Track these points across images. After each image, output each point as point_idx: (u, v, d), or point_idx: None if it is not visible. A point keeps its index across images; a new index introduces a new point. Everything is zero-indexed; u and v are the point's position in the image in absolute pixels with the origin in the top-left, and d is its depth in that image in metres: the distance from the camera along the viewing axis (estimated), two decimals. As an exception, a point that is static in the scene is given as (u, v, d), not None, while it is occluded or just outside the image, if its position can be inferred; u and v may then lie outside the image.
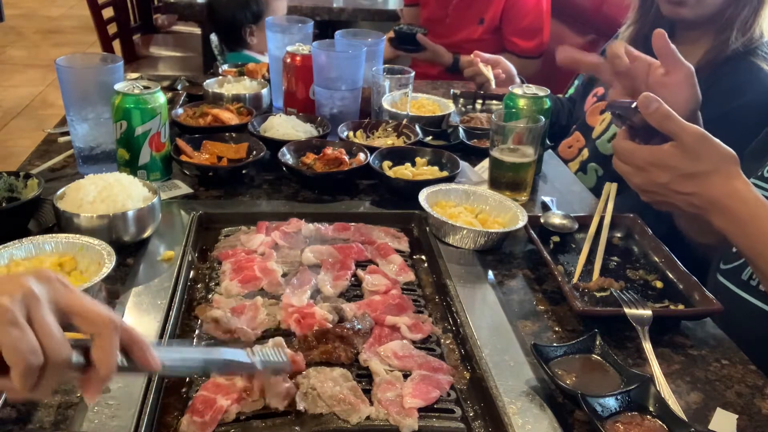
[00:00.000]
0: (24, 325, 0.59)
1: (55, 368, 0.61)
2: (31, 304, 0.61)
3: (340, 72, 1.66)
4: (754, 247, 0.99)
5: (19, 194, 1.25)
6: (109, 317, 0.64)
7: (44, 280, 0.63)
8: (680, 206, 1.03)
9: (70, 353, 0.62)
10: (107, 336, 0.63)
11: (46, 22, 7.14)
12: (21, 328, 0.59)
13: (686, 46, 1.62)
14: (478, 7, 2.73)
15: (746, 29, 1.51)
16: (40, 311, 0.61)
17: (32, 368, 0.60)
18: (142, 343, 0.66)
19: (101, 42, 3.89)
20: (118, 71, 1.41)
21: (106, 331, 0.63)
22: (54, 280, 0.64)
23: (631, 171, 1.04)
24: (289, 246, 1.21)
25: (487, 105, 1.99)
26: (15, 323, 0.59)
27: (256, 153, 1.48)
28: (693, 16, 1.54)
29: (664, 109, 0.96)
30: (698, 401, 0.93)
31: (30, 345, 0.59)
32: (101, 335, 0.63)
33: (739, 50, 1.52)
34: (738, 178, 0.99)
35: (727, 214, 0.99)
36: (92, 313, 0.64)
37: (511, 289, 1.15)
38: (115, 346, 0.64)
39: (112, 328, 0.63)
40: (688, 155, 0.98)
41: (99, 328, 0.63)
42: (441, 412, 0.87)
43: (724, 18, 1.52)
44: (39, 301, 0.61)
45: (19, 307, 0.60)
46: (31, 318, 0.60)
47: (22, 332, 0.59)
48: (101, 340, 0.63)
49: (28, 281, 0.62)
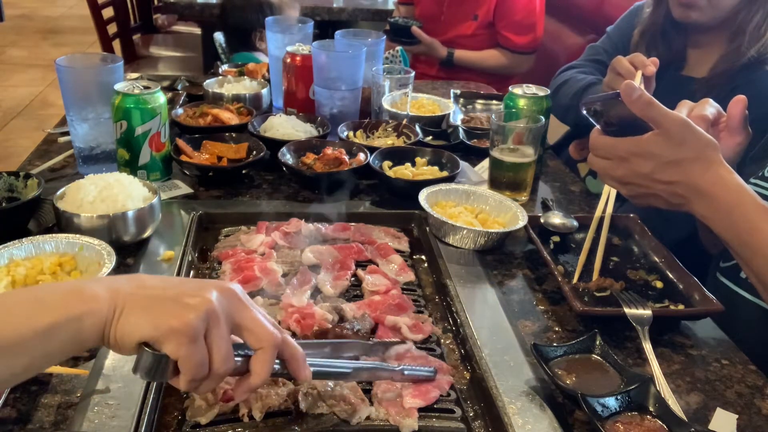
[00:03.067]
0: (201, 342, 0.67)
1: (217, 377, 0.70)
2: (211, 321, 0.68)
3: (340, 72, 1.66)
4: (738, 236, 0.97)
5: (19, 194, 1.25)
6: (272, 335, 0.71)
7: (226, 295, 0.71)
8: (663, 197, 1.01)
9: (232, 368, 0.70)
10: (268, 352, 0.71)
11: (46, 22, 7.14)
12: (198, 345, 0.67)
13: (699, 51, 1.62)
14: (471, 3, 2.75)
15: (759, 35, 1.50)
16: (217, 330, 0.68)
17: (198, 378, 0.69)
18: (298, 357, 0.75)
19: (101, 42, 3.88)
20: (118, 71, 1.41)
21: (268, 347, 0.71)
22: (234, 295, 0.71)
23: (611, 164, 1.02)
24: (289, 246, 1.21)
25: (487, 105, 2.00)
26: (195, 341, 0.67)
27: (256, 153, 1.48)
28: (705, 20, 1.53)
29: (647, 97, 0.95)
30: (698, 401, 0.93)
31: (202, 360, 0.68)
32: (264, 350, 0.71)
33: (753, 58, 1.51)
34: (721, 165, 0.98)
35: (711, 201, 0.97)
36: (260, 329, 0.71)
37: (511, 289, 1.15)
38: (273, 361, 0.72)
39: (274, 345, 0.72)
40: (671, 142, 0.96)
41: (263, 344, 0.71)
42: (441, 412, 0.88)
43: (737, 23, 1.51)
44: (219, 319, 0.69)
45: (203, 324, 0.67)
46: (208, 334, 0.68)
47: (198, 349, 0.67)
48: (263, 354, 0.71)
49: (212, 296, 0.69)
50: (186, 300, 0.68)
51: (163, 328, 0.66)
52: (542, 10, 2.78)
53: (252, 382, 0.72)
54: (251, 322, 0.71)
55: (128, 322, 0.67)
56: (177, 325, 0.66)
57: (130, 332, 0.66)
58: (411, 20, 2.82)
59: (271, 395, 0.85)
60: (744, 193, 0.97)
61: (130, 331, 0.66)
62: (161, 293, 0.69)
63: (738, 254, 1.00)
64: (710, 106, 1.12)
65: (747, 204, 0.96)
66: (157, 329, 0.66)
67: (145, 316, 0.67)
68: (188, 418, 0.83)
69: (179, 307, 0.67)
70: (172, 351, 0.66)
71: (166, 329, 0.66)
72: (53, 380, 0.88)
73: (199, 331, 0.67)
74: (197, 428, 0.83)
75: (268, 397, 0.85)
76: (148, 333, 0.66)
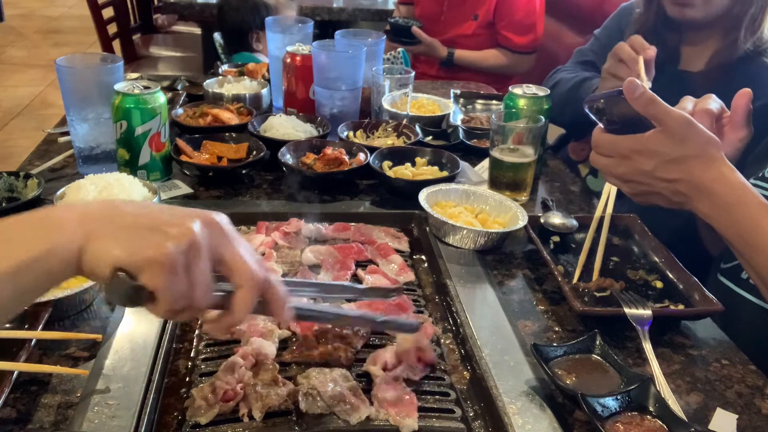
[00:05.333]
0: (181, 274, 0.64)
1: (196, 310, 0.68)
2: (192, 253, 0.65)
3: (340, 72, 1.66)
4: (741, 236, 0.97)
5: (19, 194, 1.25)
6: (254, 274, 0.69)
7: (210, 226, 0.68)
8: (665, 195, 1.01)
9: (211, 302, 0.69)
10: (248, 290, 0.69)
11: (46, 22, 7.14)
12: (177, 278, 0.64)
13: (695, 47, 1.61)
14: (472, 3, 2.76)
15: (755, 28, 1.50)
16: (198, 262, 0.66)
17: (176, 308, 0.66)
18: (279, 298, 0.73)
19: (101, 42, 3.88)
20: (118, 71, 1.41)
21: (247, 286, 0.69)
22: (218, 228, 0.69)
23: (613, 162, 1.02)
24: (289, 246, 1.21)
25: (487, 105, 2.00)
26: (174, 272, 0.64)
27: (256, 153, 1.48)
28: (700, 17, 1.53)
29: (649, 94, 0.95)
30: (698, 401, 0.93)
31: (180, 292, 0.65)
32: (243, 288, 0.69)
33: (749, 51, 1.51)
34: (723, 163, 0.97)
35: (713, 199, 0.97)
36: (241, 266, 0.68)
37: (511, 289, 1.15)
38: (253, 301, 0.70)
39: (254, 284, 0.69)
40: (673, 140, 0.96)
41: (243, 281, 0.69)
42: (441, 412, 0.88)
43: (732, 17, 1.51)
44: (200, 251, 0.66)
45: (183, 255, 0.64)
46: (188, 266, 0.65)
47: (177, 281, 0.64)
48: (243, 293, 0.69)
49: (195, 226, 0.66)
50: (166, 229, 0.65)
51: (139, 257, 0.63)
52: (542, 9, 2.78)
53: (230, 319, 0.71)
54: (234, 258, 0.68)
55: (101, 247, 0.63)
56: (154, 255, 0.63)
57: (104, 257, 0.63)
58: (411, 20, 2.82)
59: (271, 395, 0.85)
60: (746, 191, 0.97)
61: (103, 256, 0.63)
62: (139, 220, 0.65)
63: (739, 253, 1.00)
64: (713, 101, 1.12)
65: (749, 202, 0.96)
66: (133, 257, 0.63)
67: (120, 243, 0.63)
68: (188, 418, 0.83)
69: (158, 235, 0.64)
70: (148, 281, 0.63)
71: (141, 258, 0.63)
72: (53, 380, 0.88)
73: (178, 263, 0.64)
74: (197, 428, 0.82)
75: (268, 397, 0.85)
76: (124, 259, 0.63)
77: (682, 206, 1.01)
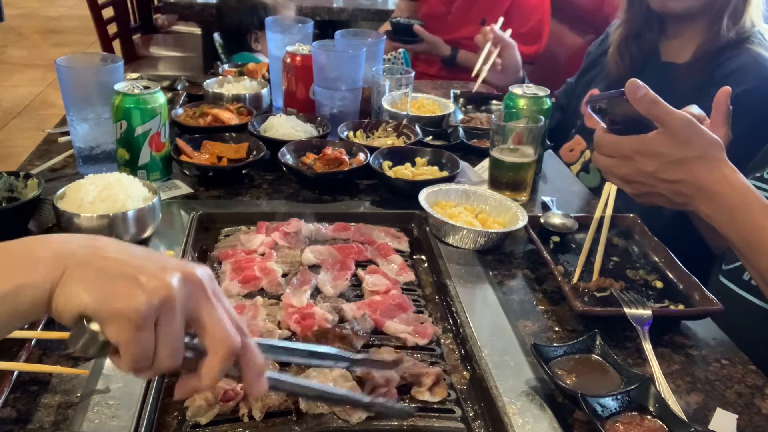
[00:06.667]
0: (149, 331, 0.60)
1: (159, 371, 0.63)
2: (164, 310, 0.60)
3: (340, 72, 1.66)
4: (743, 237, 0.97)
5: (19, 194, 1.25)
6: (229, 340, 0.64)
7: (190, 282, 0.63)
8: (667, 196, 1.01)
9: (178, 365, 0.64)
10: (219, 358, 0.64)
11: (46, 22, 7.15)
12: (143, 334, 0.60)
13: (678, 40, 1.62)
14: (481, 7, 2.74)
15: (737, 18, 1.51)
16: (169, 321, 0.61)
17: (139, 367, 0.62)
18: (255, 368, 0.67)
19: (101, 42, 3.89)
20: (118, 71, 1.41)
21: (220, 352, 0.64)
22: (198, 285, 0.64)
23: (615, 162, 1.02)
24: (289, 246, 1.21)
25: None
26: (141, 329, 0.59)
27: (256, 153, 1.48)
28: (683, 9, 1.54)
29: (652, 95, 0.95)
30: (698, 401, 0.93)
31: (145, 351, 0.60)
32: (215, 354, 0.64)
33: (733, 39, 1.52)
34: (726, 165, 0.98)
35: (716, 200, 0.97)
36: (215, 330, 0.63)
37: (511, 289, 1.15)
38: (223, 370, 0.64)
39: (226, 351, 0.64)
40: (676, 141, 0.96)
41: (216, 347, 0.64)
42: (441, 412, 0.88)
43: (714, 8, 1.52)
44: (174, 309, 0.61)
45: (154, 312, 0.60)
46: (158, 323, 0.61)
47: (142, 338, 0.60)
48: (212, 360, 0.64)
49: (173, 281, 0.61)
50: (141, 279, 0.60)
51: (107, 308, 0.59)
52: (548, 18, 2.78)
53: (197, 385, 0.65)
54: (210, 321, 0.63)
55: (69, 290, 0.59)
56: (122, 308, 0.59)
57: (72, 301, 0.59)
58: (413, 19, 2.80)
59: (271, 395, 0.85)
60: (748, 193, 0.97)
61: (71, 301, 0.59)
62: (116, 267, 0.61)
63: (742, 254, 1.00)
64: (695, 108, 1.13)
65: (751, 203, 0.96)
66: (100, 306, 0.59)
67: (90, 289, 0.59)
68: (188, 418, 0.83)
69: (131, 286, 0.59)
70: (112, 335, 0.59)
71: (109, 309, 0.59)
72: (53, 380, 0.88)
73: (147, 319, 0.59)
74: (197, 428, 0.83)
75: (268, 397, 0.85)
76: (91, 307, 0.59)
77: (685, 207, 1.01)
